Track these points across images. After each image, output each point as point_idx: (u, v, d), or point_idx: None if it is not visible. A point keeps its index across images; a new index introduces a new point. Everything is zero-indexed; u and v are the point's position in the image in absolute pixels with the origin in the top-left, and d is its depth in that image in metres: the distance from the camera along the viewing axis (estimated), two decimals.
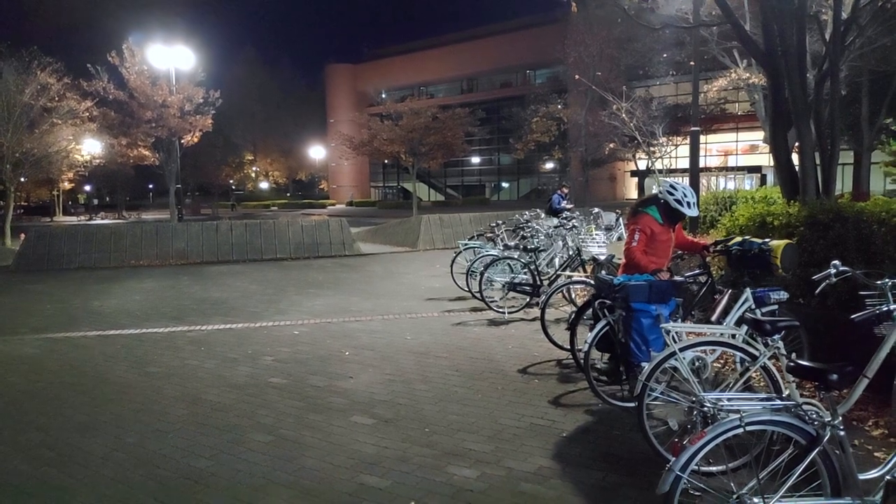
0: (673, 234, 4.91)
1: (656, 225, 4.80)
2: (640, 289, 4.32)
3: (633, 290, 4.32)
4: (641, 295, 4.30)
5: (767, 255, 4.49)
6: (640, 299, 4.29)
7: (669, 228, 4.86)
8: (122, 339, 7.40)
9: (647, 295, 4.30)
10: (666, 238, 4.85)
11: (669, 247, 4.89)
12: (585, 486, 3.56)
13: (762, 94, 17.88)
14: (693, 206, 4.71)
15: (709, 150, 41.36)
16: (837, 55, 7.18)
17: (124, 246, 15.32)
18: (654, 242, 4.81)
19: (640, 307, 4.28)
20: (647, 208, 4.87)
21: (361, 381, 5.59)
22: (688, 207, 4.69)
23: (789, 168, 7.55)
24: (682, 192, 4.72)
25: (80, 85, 25.03)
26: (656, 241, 4.80)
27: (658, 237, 4.80)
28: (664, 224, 4.82)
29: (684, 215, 4.81)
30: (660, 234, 4.80)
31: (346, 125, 49.49)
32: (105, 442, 4.31)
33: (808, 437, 2.52)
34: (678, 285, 4.52)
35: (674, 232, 4.95)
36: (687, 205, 4.69)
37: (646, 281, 4.42)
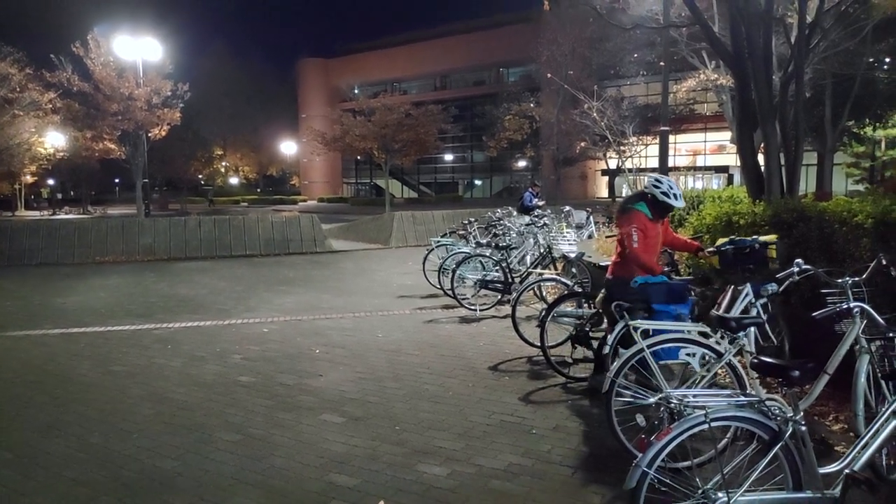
0: (661, 229, 4.93)
1: (647, 221, 4.81)
2: (660, 289, 4.37)
3: (653, 291, 4.36)
4: (661, 296, 4.33)
5: (764, 250, 4.63)
6: (660, 300, 4.32)
7: (658, 223, 4.89)
8: (85, 338, 7.24)
9: (665, 295, 4.34)
10: (654, 234, 4.87)
11: (658, 242, 4.91)
12: (555, 482, 3.58)
13: (730, 96, 18.22)
14: (679, 197, 4.75)
15: (678, 150, 42.00)
16: (802, 58, 7.33)
17: (89, 242, 14.97)
18: (645, 239, 4.83)
19: (661, 308, 4.29)
20: (636, 205, 4.86)
21: (332, 380, 5.55)
22: (675, 199, 4.72)
23: (755, 168, 7.69)
24: (668, 185, 4.76)
25: (42, 76, 24.37)
26: (647, 238, 4.82)
27: (649, 233, 4.82)
28: (653, 219, 4.85)
29: (672, 208, 4.82)
30: (650, 230, 4.82)
31: (318, 120, 49.10)
32: (67, 443, 4.21)
33: (771, 432, 2.57)
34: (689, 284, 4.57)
35: (661, 227, 4.95)
36: (673, 196, 4.72)
37: (663, 282, 4.48)
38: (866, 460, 2.85)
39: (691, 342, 3.92)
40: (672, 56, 16.11)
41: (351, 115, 37.95)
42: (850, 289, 3.48)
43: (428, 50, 61.20)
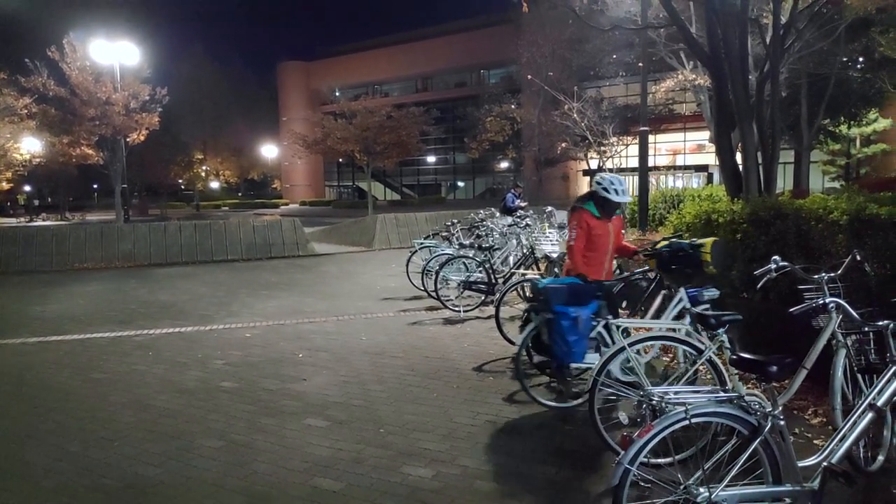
0: (611, 227, 5.02)
1: (593, 219, 4.92)
2: (560, 292, 4.42)
3: (552, 293, 4.41)
4: (560, 298, 4.39)
5: (698, 252, 4.62)
6: (559, 302, 4.37)
7: (606, 222, 4.97)
8: (64, 346, 7.13)
9: (565, 298, 4.38)
10: (603, 232, 4.96)
11: (608, 241, 4.97)
12: (539, 481, 3.60)
13: (708, 96, 18.43)
14: (621, 192, 4.82)
15: (658, 150, 42.32)
16: (777, 58, 7.45)
17: (67, 248, 14.75)
18: (591, 237, 4.95)
19: (559, 310, 4.34)
20: (584, 204, 4.99)
21: (315, 384, 5.52)
22: (615, 194, 4.80)
23: (733, 167, 7.80)
24: (609, 181, 4.85)
25: (17, 80, 23.96)
26: (593, 236, 4.94)
27: (595, 231, 4.94)
28: (601, 218, 4.93)
29: (616, 204, 4.90)
30: (597, 229, 4.93)
31: (300, 123, 48.80)
32: (46, 452, 4.15)
33: (751, 427, 2.61)
34: (602, 287, 4.61)
35: (612, 225, 5.04)
36: (615, 192, 4.80)
37: (567, 284, 4.54)
38: (844, 453, 2.90)
39: (672, 339, 3.96)
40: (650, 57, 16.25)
41: (332, 118, 37.85)
42: (827, 285, 3.54)
43: (409, 52, 61.18)
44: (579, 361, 4.45)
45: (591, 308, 4.42)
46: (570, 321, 4.31)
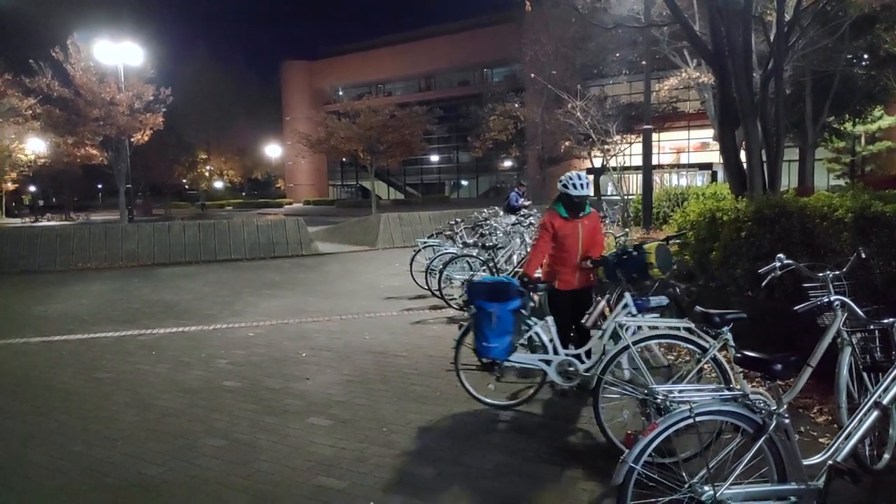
0: (581, 227, 4.93)
1: (559, 219, 4.93)
2: (480, 287, 4.55)
3: (473, 289, 4.57)
4: (480, 294, 4.48)
5: (643, 256, 4.62)
6: (479, 297, 4.46)
7: (575, 222, 4.93)
8: (68, 345, 7.15)
9: (485, 294, 4.47)
10: (571, 232, 4.92)
11: (576, 241, 4.91)
12: (543, 480, 3.59)
13: (712, 93, 18.37)
14: (580, 187, 4.83)
15: (661, 148, 42.24)
16: (781, 55, 7.42)
17: (71, 248, 14.79)
18: (559, 238, 4.95)
19: (478, 305, 4.44)
20: (554, 205, 5.03)
21: (319, 383, 5.52)
22: (573, 189, 4.83)
23: (737, 165, 7.77)
24: (569, 177, 4.90)
25: (21, 81, 24.05)
26: (560, 237, 4.94)
27: (561, 231, 4.92)
28: (568, 217, 4.92)
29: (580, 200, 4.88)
30: (563, 229, 4.92)
31: (303, 123, 48.81)
32: (50, 451, 4.15)
33: (755, 425, 2.59)
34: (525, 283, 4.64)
35: (581, 224, 4.95)
36: (573, 186, 4.83)
37: (491, 280, 4.73)
38: (849, 451, 2.88)
39: (676, 338, 3.94)
40: (654, 55, 16.22)
41: (335, 118, 37.87)
42: (832, 282, 3.52)
43: (412, 51, 61.16)
44: (499, 357, 4.45)
45: (510, 305, 4.43)
46: (488, 316, 4.38)
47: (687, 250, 6.62)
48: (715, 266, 5.90)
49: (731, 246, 5.67)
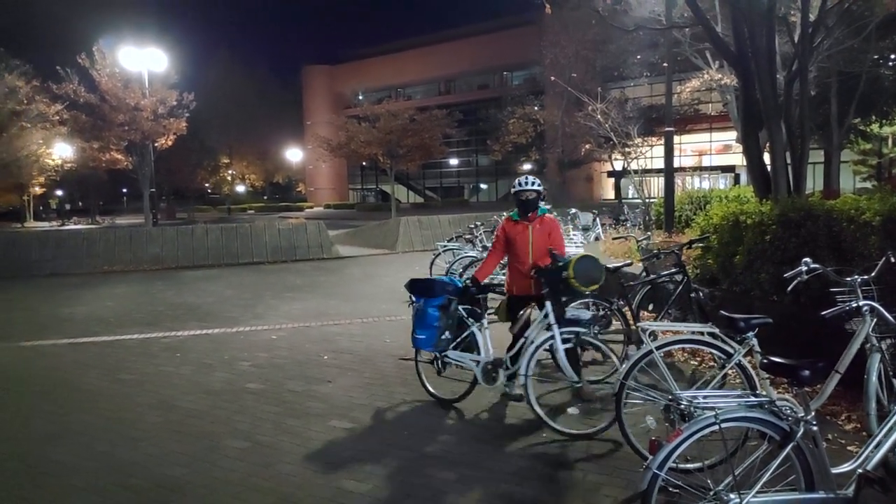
0: (531, 229, 4.98)
1: (510, 224, 5.08)
2: (416, 285, 5.02)
3: (412, 285, 5.04)
4: (417, 290, 4.97)
5: (560, 269, 4.54)
6: (413, 292, 5.00)
7: (525, 224, 5.01)
8: (93, 347, 7.26)
9: (420, 291, 4.94)
10: (521, 234, 5.00)
11: (526, 243, 4.97)
12: (565, 486, 3.56)
13: (734, 95, 18.14)
14: (521, 184, 4.97)
15: (683, 151, 41.82)
16: (806, 56, 7.30)
17: (97, 251, 15.05)
18: (509, 241, 5.07)
19: (416, 299, 4.94)
20: (511, 212, 5.17)
21: (340, 385, 5.54)
22: (517, 186, 4.99)
23: (761, 167, 7.66)
24: (518, 179, 5.05)
25: (49, 88, 24.52)
26: (510, 239, 5.06)
27: (510, 234, 5.05)
28: (519, 220, 5.04)
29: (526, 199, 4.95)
30: (511, 231, 5.05)
31: (324, 127, 49.17)
32: (75, 451, 4.22)
33: (782, 432, 2.55)
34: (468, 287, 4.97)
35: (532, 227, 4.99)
36: (517, 184, 5.00)
37: (430, 278, 5.23)
38: (880, 459, 2.82)
39: (700, 343, 3.90)
40: (675, 57, 16.07)
41: (356, 122, 38.06)
42: (860, 287, 3.45)
43: (432, 55, 61.30)
44: (424, 348, 4.95)
45: (434, 301, 4.80)
46: (417, 310, 4.88)
47: (710, 254, 6.55)
48: (739, 270, 5.82)
49: (756, 250, 5.59)
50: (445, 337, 4.85)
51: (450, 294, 4.86)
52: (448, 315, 4.82)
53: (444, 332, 4.84)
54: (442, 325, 4.80)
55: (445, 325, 4.82)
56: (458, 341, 4.92)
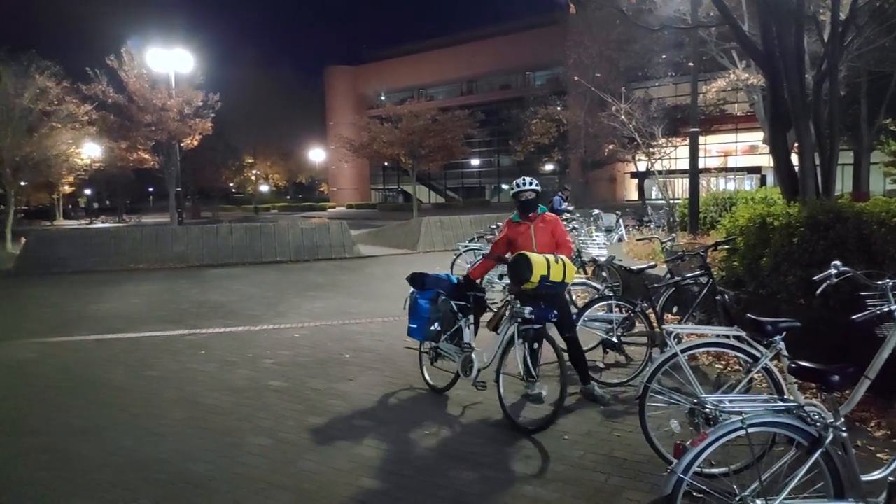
0: (533, 228, 5.06)
1: (512, 226, 5.17)
2: (416, 278, 5.45)
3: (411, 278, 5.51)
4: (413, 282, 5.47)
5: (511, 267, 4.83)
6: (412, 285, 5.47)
7: (527, 223, 5.09)
8: (119, 343, 7.38)
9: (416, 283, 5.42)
10: (522, 233, 5.07)
11: (529, 241, 5.02)
12: (588, 488, 3.54)
13: (761, 95, 17.86)
14: (519, 185, 5.10)
15: (708, 151, 41.29)
16: (836, 56, 7.17)
17: (124, 250, 15.30)
18: (512, 240, 5.13)
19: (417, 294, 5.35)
20: (513, 214, 5.27)
21: (362, 384, 5.57)
22: (515, 188, 5.12)
23: (789, 168, 7.54)
24: (515, 181, 5.18)
25: (78, 88, 24.96)
26: (512, 239, 5.12)
27: (512, 234, 5.14)
28: (520, 220, 5.13)
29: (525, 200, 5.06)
30: (513, 231, 5.14)
31: (346, 128, 49.46)
32: (102, 446, 4.29)
33: (811, 438, 2.50)
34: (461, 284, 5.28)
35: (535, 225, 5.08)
36: (515, 185, 5.13)
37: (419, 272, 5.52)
38: None
39: (726, 346, 3.85)
40: (701, 56, 15.87)
41: (378, 122, 38.19)
42: (891, 291, 3.37)
43: (454, 55, 61.31)
44: (415, 337, 5.34)
45: (425, 294, 5.22)
46: (410, 302, 5.32)
47: (736, 256, 6.46)
48: (765, 273, 5.73)
49: (783, 252, 5.51)
50: (434, 328, 5.15)
51: (441, 289, 5.17)
52: (437, 308, 5.12)
53: (434, 324, 5.14)
54: (431, 317, 5.14)
55: (434, 317, 5.13)
56: (450, 334, 5.17)
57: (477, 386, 4.86)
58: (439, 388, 5.28)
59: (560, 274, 4.67)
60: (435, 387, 5.32)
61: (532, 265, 4.55)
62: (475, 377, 4.88)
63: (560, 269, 4.68)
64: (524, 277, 4.58)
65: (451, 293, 5.20)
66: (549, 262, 4.63)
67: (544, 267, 4.60)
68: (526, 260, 4.59)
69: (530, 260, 4.57)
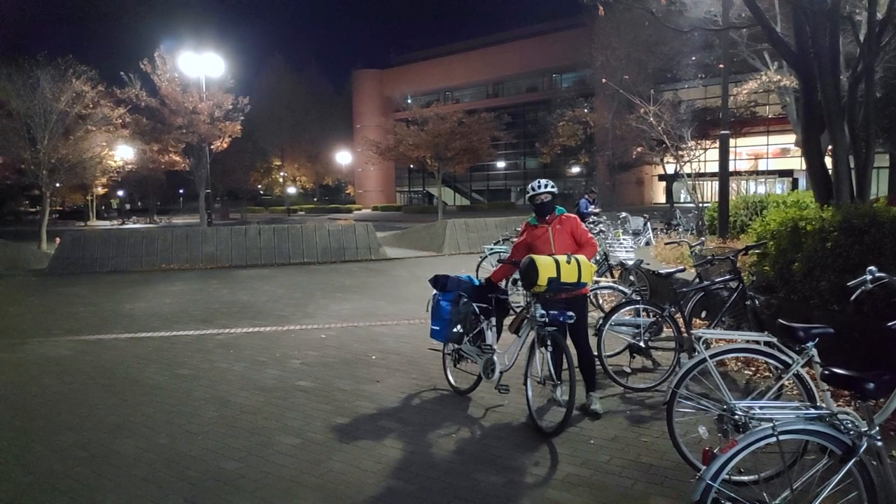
0: (551, 230, 4.97)
1: (530, 229, 5.11)
2: (438, 279, 5.44)
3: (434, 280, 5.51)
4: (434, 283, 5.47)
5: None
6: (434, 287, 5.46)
7: (545, 226, 5.00)
8: (152, 342, 7.54)
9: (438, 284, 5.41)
10: (539, 236, 5.00)
11: (548, 244, 4.95)
12: (614, 493, 3.52)
13: (794, 97, 17.59)
14: (535, 188, 5.00)
15: (738, 154, 40.72)
16: (872, 56, 7.02)
17: (155, 250, 15.60)
18: (530, 244, 5.05)
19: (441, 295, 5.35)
20: (530, 217, 5.19)
21: (388, 386, 5.61)
22: (531, 191, 5.02)
23: (822, 172, 7.41)
24: (530, 185, 5.08)
25: (113, 92, 25.59)
26: (532, 245, 5.03)
27: (530, 237, 5.07)
28: (538, 223, 5.06)
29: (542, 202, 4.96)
30: (531, 234, 5.07)
31: (373, 130, 49.80)
32: (136, 443, 4.39)
33: (844, 447, 2.46)
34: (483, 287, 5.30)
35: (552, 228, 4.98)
36: (531, 189, 5.03)
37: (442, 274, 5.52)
38: None
39: (756, 352, 3.80)
40: (732, 58, 15.68)
41: (404, 125, 38.36)
42: None
43: (480, 58, 61.35)
44: (437, 339, 5.33)
45: (446, 297, 5.23)
46: (433, 303, 5.33)
47: (767, 261, 6.36)
48: (797, 278, 5.64)
49: (816, 257, 5.41)
50: (457, 330, 5.14)
51: (463, 291, 5.18)
52: (458, 310, 5.13)
53: (456, 326, 5.14)
54: (453, 319, 5.14)
55: (456, 318, 5.13)
56: (472, 336, 5.19)
57: (500, 389, 4.84)
58: (462, 390, 5.31)
59: (573, 274, 4.55)
60: (458, 388, 5.36)
61: (538, 268, 4.48)
62: (498, 380, 4.89)
63: (573, 270, 4.55)
64: (531, 281, 4.55)
65: (474, 295, 5.21)
66: (558, 263, 4.53)
67: (552, 268, 4.50)
68: (532, 264, 4.55)
69: (536, 263, 4.52)
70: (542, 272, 4.49)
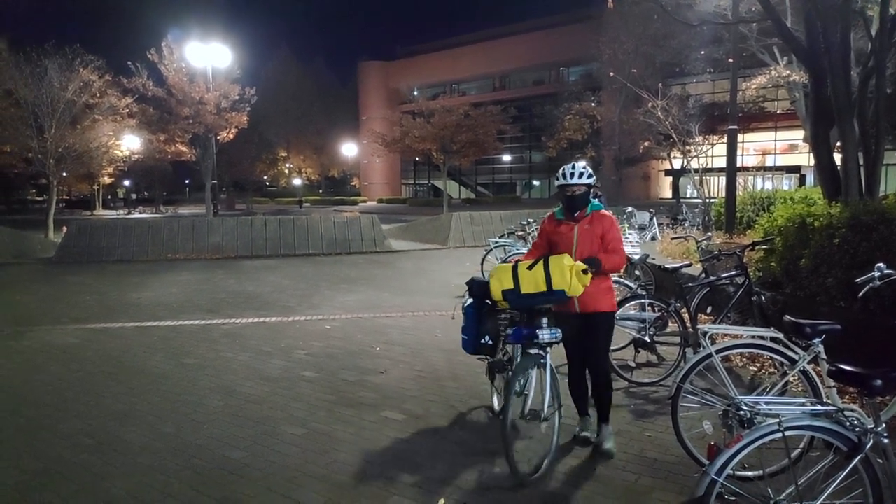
0: (577, 229, 4.07)
1: (552, 224, 4.23)
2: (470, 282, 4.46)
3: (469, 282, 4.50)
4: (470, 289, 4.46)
5: None
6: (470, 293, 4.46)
7: (570, 224, 4.11)
8: (158, 331, 7.57)
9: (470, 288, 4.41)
10: (564, 235, 4.11)
11: (570, 246, 4.04)
12: (618, 488, 3.53)
13: (803, 92, 17.47)
14: (566, 176, 4.03)
15: (746, 150, 40.51)
16: (884, 52, 6.97)
17: (161, 240, 15.65)
18: (552, 243, 4.17)
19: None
20: (557, 207, 4.35)
21: (392, 377, 5.62)
22: (561, 178, 4.07)
23: (831, 168, 7.38)
24: (561, 168, 4.16)
25: (120, 82, 25.59)
26: (552, 242, 4.18)
27: (552, 234, 4.20)
28: (564, 218, 4.17)
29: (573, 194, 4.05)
30: (553, 231, 4.20)
31: (379, 122, 49.69)
32: (142, 431, 4.42)
33: (850, 443, 2.46)
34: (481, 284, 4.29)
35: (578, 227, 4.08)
36: (561, 176, 4.08)
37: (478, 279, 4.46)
38: None
39: (762, 348, 3.79)
40: (741, 52, 15.57)
41: (410, 117, 38.29)
42: None
43: (487, 50, 61.09)
44: (465, 349, 4.37)
45: (469, 303, 4.34)
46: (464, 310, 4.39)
47: (773, 257, 6.34)
48: (804, 274, 5.62)
49: (823, 253, 5.39)
50: (485, 342, 4.27)
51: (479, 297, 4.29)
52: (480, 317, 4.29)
53: (484, 337, 4.28)
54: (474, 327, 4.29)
55: (481, 328, 4.28)
56: None
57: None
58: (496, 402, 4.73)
59: (537, 283, 3.69)
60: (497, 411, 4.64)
61: (490, 279, 3.89)
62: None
63: (535, 277, 3.70)
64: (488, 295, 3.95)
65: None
66: (515, 272, 3.77)
67: (507, 278, 3.78)
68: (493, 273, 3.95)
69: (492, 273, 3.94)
70: (494, 284, 3.84)
